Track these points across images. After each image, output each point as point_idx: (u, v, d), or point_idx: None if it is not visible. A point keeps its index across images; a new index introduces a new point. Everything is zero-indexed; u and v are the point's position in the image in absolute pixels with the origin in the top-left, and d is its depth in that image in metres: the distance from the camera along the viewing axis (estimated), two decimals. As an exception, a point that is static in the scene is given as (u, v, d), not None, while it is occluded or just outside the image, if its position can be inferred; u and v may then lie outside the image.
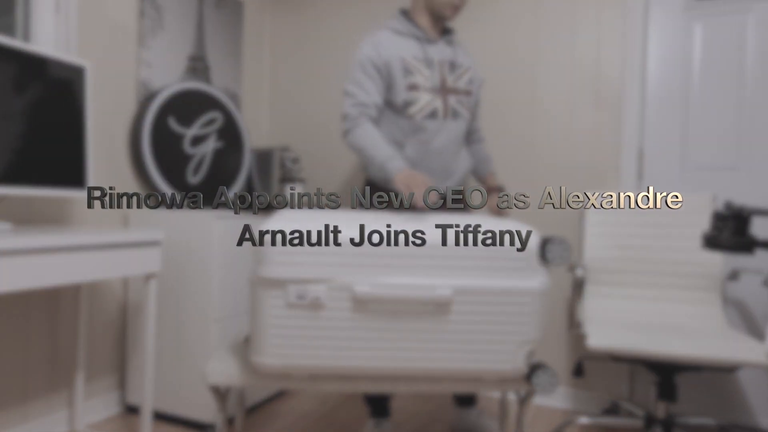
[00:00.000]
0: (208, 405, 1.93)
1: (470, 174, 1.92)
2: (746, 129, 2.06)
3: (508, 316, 1.22)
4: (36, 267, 1.36)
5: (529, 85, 2.38)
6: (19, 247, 1.31)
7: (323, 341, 1.21)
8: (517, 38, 2.40)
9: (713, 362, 1.50)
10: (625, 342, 1.53)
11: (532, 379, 1.27)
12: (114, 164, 2.08)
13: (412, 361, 1.23)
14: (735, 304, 2.08)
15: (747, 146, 2.06)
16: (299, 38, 2.90)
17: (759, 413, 2.04)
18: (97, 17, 1.99)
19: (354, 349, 1.21)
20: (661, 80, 2.19)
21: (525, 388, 1.30)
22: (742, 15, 2.07)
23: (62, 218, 1.90)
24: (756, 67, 2.05)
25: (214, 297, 1.92)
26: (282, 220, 1.24)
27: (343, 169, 2.77)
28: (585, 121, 2.28)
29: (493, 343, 1.23)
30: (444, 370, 1.24)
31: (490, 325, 1.22)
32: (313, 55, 2.86)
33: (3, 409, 1.73)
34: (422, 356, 1.22)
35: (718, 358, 1.49)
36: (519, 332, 1.23)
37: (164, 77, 2.28)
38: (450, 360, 1.23)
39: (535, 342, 1.24)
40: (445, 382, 1.29)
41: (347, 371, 1.24)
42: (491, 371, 1.24)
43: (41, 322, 1.84)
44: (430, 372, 1.24)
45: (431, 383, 1.29)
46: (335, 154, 2.79)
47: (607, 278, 2.06)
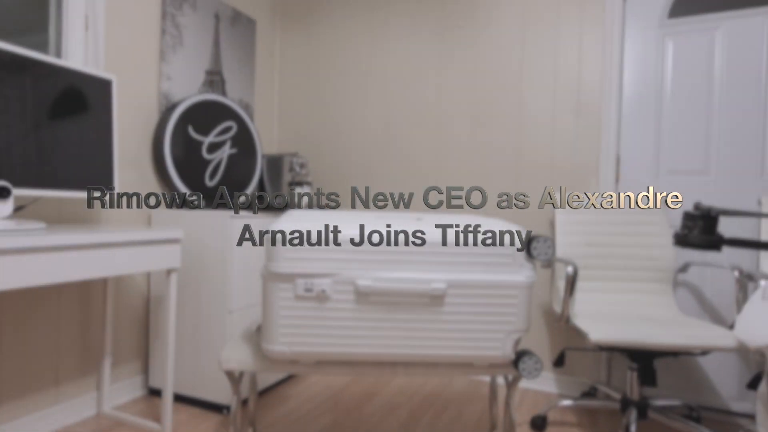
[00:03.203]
0: (223, 388, 1.93)
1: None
2: (714, 136, 2.06)
3: (497, 308, 1.22)
4: (68, 262, 1.36)
5: (517, 96, 2.38)
6: (52, 244, 1.31)
7: (328, 330, 1.21)
8: (506, 54, 2.40)
9: (690, 348, 1.51)
10: (621, 335, 1.53)
11: (519, 365, 1.27)
12: (139, 169, 2.08)
13: (410, 349, 1.23)
14: (686, 290, 2.08)
15: (715, 152, 2.06)
16: (306, 54, 2.90)
17: (724, 395, 2.04)
18: (122, 35, 1.99)
19: (356, 337, 1.21)
20: (636, 91, 2.19)
21: (512, 373, 1.30)
22: (710, 32, 2.06)
23: (91, 218, 1.90)
24: (723, 80, 2.04)
25: (229, 290, 1.92)
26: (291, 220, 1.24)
27: (346, 172, 2.76)
28: (567, 129, 2.28)
29: (483, 331, 1.22)
30: (439, 356, 1.24)
31: (481, 316, 1.22)
32: (318, 69, 2.85)
33: (38, 392, 1.73)
34: (419, 344, 1.22)
35: (696, 344, 1.50)
36: (507, 322, 1.22)
37: (184, 89, 2.28)
38: (444, 347, 1.23)
39: (522, 331, 1.24)
40: (440, 368, 1.29)
41: (350, 358, 1.24)
42: (482, 357, 1.24)
43: (72, 312, 1.84)
44: (426, 358, 1.24)
45: (427, 369, 1.29)
46: (338, 158, 2.79)
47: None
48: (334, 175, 2.80)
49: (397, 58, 2.65)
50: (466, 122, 2.48)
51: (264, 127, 2.89)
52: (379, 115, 2.69)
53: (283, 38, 2.97)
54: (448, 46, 2.53)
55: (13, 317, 1.66)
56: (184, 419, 1.88)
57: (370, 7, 2.71)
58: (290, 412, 1.97)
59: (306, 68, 2.90)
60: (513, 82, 2.38)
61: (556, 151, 2.30)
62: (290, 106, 2.95)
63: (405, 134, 2.62)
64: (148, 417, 1.88)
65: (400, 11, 2.63)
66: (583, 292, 2.01)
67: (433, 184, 2.55)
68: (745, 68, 2.01)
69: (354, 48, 2.76)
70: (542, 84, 2.32)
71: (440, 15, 2.54)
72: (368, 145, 2.72)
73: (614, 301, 1.98)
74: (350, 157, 2.76)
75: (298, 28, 2.92)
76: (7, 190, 1.36)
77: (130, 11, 2.02)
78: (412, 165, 2.60)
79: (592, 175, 2.23)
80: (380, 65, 2.69)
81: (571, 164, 2.27)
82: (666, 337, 1.52)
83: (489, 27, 2.43)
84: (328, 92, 2.83)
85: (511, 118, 2.38)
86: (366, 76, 2.73)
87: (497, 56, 2.42)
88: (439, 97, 2.55)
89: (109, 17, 1.93)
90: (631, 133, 2.19)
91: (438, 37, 2.55)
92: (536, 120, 2.33)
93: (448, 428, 1.86)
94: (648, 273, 1.99)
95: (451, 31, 2.52)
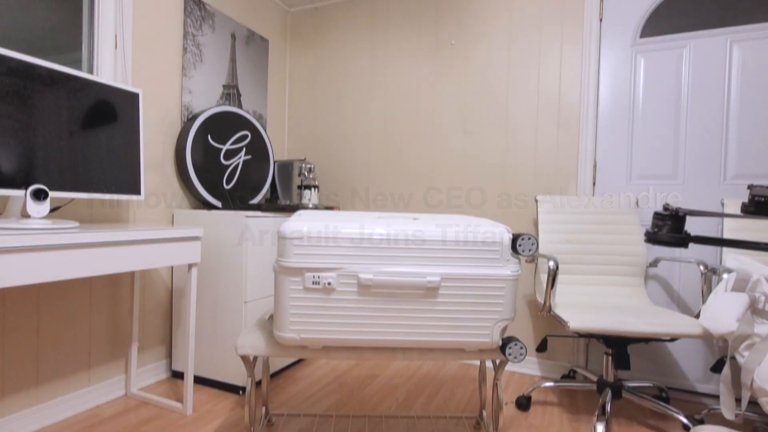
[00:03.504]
0: (239, 371, 1.93)
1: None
2: (681, 144, 2.06)
3: (485, 299, 1.22)
4: (99, 258, 1.37)
5: (503, 107, 2.38)
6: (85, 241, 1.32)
7: (334, 319, 1.21)
8: (494, 70, 2.40)
9: (660, 335, 1.51)
10: (598, 323, 1.53)
11: (506, 350, 1.27)
12: (163, 173, 2.08)
13: (407, 335, 1.23)
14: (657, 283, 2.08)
15: (682, 158, 2.06)
16: (313, 70, 2.90)
17: (690, 377, 2.04)
18: (148, 52, 1.99)
19: (359, 325, 1.21)
20: (611, 103, 2.19)
21: (500, 358, 1.30)
22: (678, 50, 2.06)
23: (120, 218, 1.90)
24: (689, 93, 2.05)
25: (244, 283, 1.92)
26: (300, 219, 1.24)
27: (349, 176, 2.76)
28: (549, 138, 2.28)
29: (473, 320, 1.23)
30: (433, 342, 1.24)
31: (471, 306, 1.22)
32: (324, 84, 2.86)
33: (71, 375, 1.73)
34: (415, 331, 1.22)
35: (666, 331, 1.51)
36: (495, 311, 1.23)
37: (203, 102, 2.28)
38: (438, 334, 1.23)
39: (508, 320, 1.24)
40: (434, 353, 1.29)
41: (354, 344, 1.24)
42: (472, 343, 1.24)
43: (102, 303, 1.84)
44: (422, 344, 1.24)
45: (423, 353, 1.29)
46: (342, 164, 2.79)
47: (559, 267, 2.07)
48: (338, 178, 2.81)
49: (396, 73, 2.65)
50: (457, 131, 2.48)
51: (275, 135, 2.89)
52: (379, 124, 2.69)
53: (292, 56, 2.97)
54: (441, 62, 2.53)
55: (51, 308, 1.66)
56: (204, 399, 1.88)
57: (370, 28, 2.71)
58: (300, 392, 1.97)
59: (313, 83, 2.90)
60: (500, 94, 2.38)
61: (539, 157, 2.30)
62: (299, 116, 2.95)
63: (403, 142, 2.63)
64: (172, 397, 1.89)
65: (398, 32, 2.64)
66: (563, 285, 2.02)
67: (429, 186, 2.56)
68: (709, 83, 2.01)
69: (356, 64, 2.76)
70: (526, 96, 2.33)
71: (434, 35, 2.55)
72: (369, 151, 2.72)
73: (591, 293, 1.98)
74: (353, 163, 2.76)
75: (306, 47, 2.92)
76: (44, 192, 1.36)
77: (155, 31, 2.02)
78: (409, 169, 2.61)
79: (571, 179, 2.23)
80: (380, 80, 2.69)
81: (552, 169, 2.27)
82: (638, 325, 1.52)
83: (478, 45, 2.43)
84: (333, 104, 2.83)
85: (499, 127, 2.39)
86: (367, 90, 2.73)
87: (486, 72, 2.42)
88: (434, 108, 2.55)
89: (136, 37, 1.94)
90: (606, 142, 2.20)
91: (432, 55, 2.55)
92: (521, 129, 2.34)
93: (442, 407, 1.86)
94: (622, 267, 1.99)
95: (444, 49, 2.52)
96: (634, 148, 2.14)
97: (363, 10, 2.74)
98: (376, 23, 2.70)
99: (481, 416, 1.66)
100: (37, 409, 1.62)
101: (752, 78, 1.95)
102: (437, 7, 2.54)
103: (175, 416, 1.73)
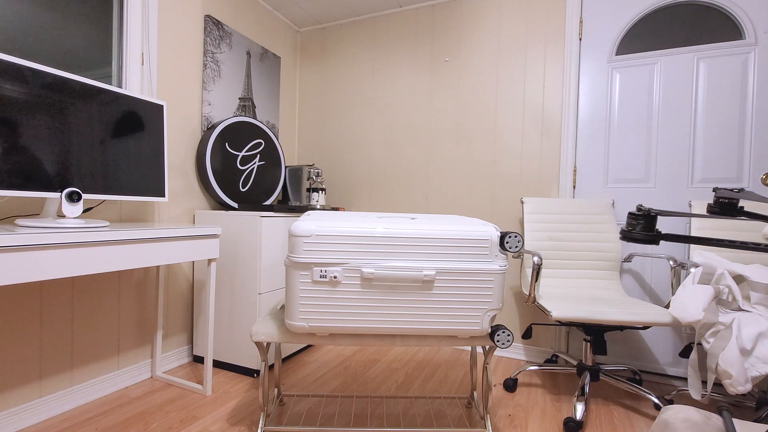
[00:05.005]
0: (253, 356, 1.93)
1: None
2: (653, 151, 2.06)
3: (476, 290, 1.22)
4: (127, 253, 1.37)
5: (493, 118, 2.38)
6: (115, 238, 1.32)
7: (339, 309, 1.21)
8: (484, 84, 2.40)
9: (634, 323, 1.51)
10: (577, 313, 1.53)
11: (494, 337, 1.27)
12: (185, 177, 2.08)
13: (406, 324, 1.23)
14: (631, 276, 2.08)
15: (653, 164, 2.06)
16: (321, 84, 2.90)
17: (661, 361, 2.04)
18: (172, 68, 1.99)
19: (362, 314, 1.21)
20: (589, 115, 2.19)
21: (489, 344, 1.30)
22: (650, 66, 2.06)
23: (146, 218, 1.90)
24: (660, 105, 2.04)
25: (258, 276, 1.92)
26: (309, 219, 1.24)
27: (353, 180, 2.76)
28: (534, 146, 2.28)
29: (465, 310, 1.23)
30: (429, 330, 1.24)
31: (463, 297, 1.22)
32: (331, 96, 2.85)
33: (102, 359, 1.73)
34: (413, 320, 1.23)
35: (639, 320, 1.50)
36: (485, 302, 1.23)
37: (221, 113, 2.28)
38: (433, 323, 1.23)
39: (497, 309, 1.24)
40: (430, 339, 1.29)
41: (357, 331, 1.24)
42: (464, 331, 1.24)
43: (130, 295, 1.84)
44: (419, 332, 1.24)
45: (419, 340, 1.29)
46: (347, 169, 2.79)
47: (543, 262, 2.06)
48: (343, 182, 2.80)
49: (395, 86, 2.65)
50: (451, 139, 2.48)
51: (287, 143, 2.89)
52: (381, 133, 2.69)
53: (302, 71, 2.97)
54: (437, 77, 2.53)
55: (84, 299, 1.66)
56: (222, 381, 1.88)
57: (372, 47, 2.71)
58: (308, 375, 1.97)
59: (321, 95, 2.90)
60: (490, 106, 2.38)
61: (524, 162, 2.30)
62: (308, 126, 2.95)
63: (402, 149, 2.62)
64: (193, 379, 1.89)
65: (398, 49, 2.64)
66: (546, 278, 2.01)
67: (425, 189, 2.55)
68: (678, 96, 2.01)
69: (360, 79, 2.76)
70: (513, 108, 2.32)
71: (430, 52, 2.54)
72: (371, 157, 2.72)
73: (572, 285, 1.98)
74: (357, 168, 2.76)
75: (315, 63, 2.92)
76: (78, 194, 1.36)
77: (178, 49, 2.02)
78: (408, 174, 2.60)
79: (554, 183, 2.23)
80: (381, 93, 2.69)
81: (536, 174, 2.27)
82: (614, 315, 1.52)
83: (470, 62, 2.43)
84: (339, 115, 2.83)
85: (488, 136, 2.38)
86: (370, 102, 2.73)
87: (477, 86, 2.42)
88: (430, 118, 2.55)
89: (160, 54, 1.94)
90: (585, 149, 2.19)
91: (428, 70, 2.55)
92: (508, 138, 2.33)
93: (437, 388, 1.86)
94: (599, 262, 1.99)
95: (439, 65, 2.52)
96: (610, 154, 2.14)
97: (365, 30, 2.74)
98: (378, 42, 2.70)
99: (472, 396, 1.66)
100: (72, 390, 1.62)
101: (717, 91, 1.95)
102: (433, 28, 2.54)
103: (196, 396, 1.73)
